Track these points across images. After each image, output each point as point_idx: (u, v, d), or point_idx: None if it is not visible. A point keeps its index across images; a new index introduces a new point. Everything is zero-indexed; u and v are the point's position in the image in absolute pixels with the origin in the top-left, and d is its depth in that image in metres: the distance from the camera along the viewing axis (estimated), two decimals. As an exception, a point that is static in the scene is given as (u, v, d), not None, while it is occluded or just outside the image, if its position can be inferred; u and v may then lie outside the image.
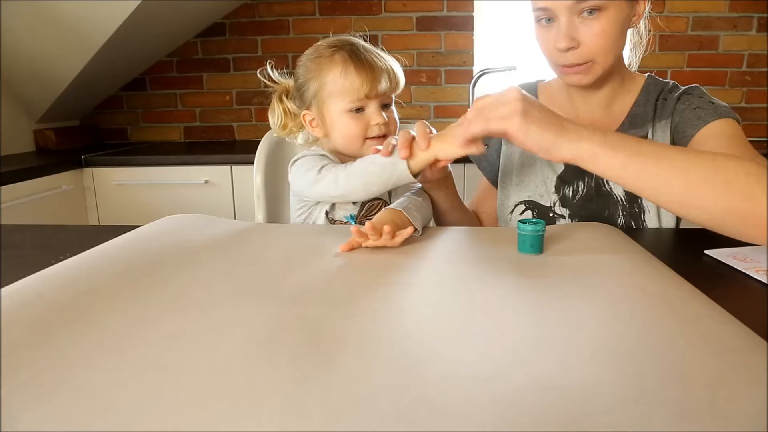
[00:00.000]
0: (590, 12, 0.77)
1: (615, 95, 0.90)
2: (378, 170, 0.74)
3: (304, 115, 0.88)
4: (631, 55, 0.94)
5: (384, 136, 0.84)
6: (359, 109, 0.83)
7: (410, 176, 0.73)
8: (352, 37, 0.86)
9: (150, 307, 0.50)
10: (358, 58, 0.82)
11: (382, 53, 0.85)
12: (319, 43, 0.87)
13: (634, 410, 0.32)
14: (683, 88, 0.88)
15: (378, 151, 0.75)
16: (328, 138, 0.88)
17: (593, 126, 0.64)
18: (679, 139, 0.84)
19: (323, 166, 0.80)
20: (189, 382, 0.36)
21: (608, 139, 0.61)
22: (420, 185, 0.87)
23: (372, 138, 0.84)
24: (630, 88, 0.91)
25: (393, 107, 0.87)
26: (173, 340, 0.43)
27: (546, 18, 0.80)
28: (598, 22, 0.77)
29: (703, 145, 0.80)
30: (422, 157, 0.73)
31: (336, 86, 0.82)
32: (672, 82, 0.91)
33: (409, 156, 0.72)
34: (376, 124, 0.83)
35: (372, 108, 0.83)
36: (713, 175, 0.58)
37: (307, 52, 0.87)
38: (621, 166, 0.60)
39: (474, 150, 0.69)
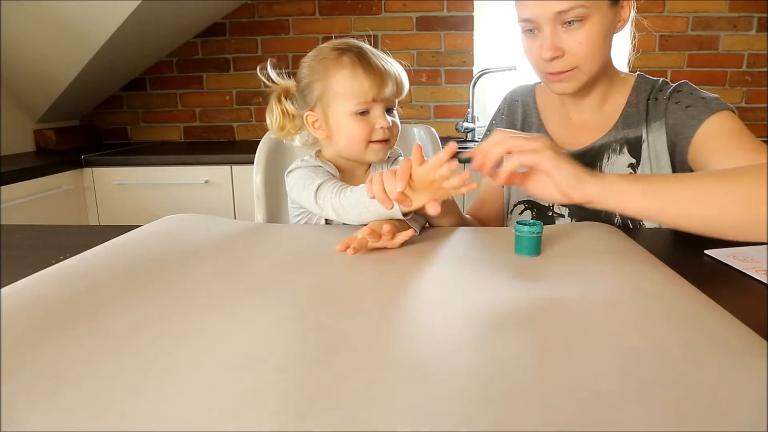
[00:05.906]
0: (572, 22, 0.78)
1: (606, 97, 0.91)
2: (372, 215, 0.73)
3: (306, 116, 0.87)
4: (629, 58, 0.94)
5: (386, 140, 0.85)
6: (364, 112, 0.82)
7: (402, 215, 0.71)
8: (357, 41, 0.85)
9: (150, 306, 0.50)
10: (366, 61, 0.81)
11: (388, 58, 0.85)
12: (323, 45, 0.86)
13: (634, 410, 0.32)
14: (673, 85, 0.89)
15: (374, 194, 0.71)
16: (331, 140, 0.87)
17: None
18: (677, 141, 0.84)
19: (320, 186, 0.79)
20: (189, 383, 0.36)
21: (628, 177, 0.64)
22: None
23: (375, 141, 0.84)
24: (620, 88, 0.91)
25: (395, 112, 0.87)
26: (173, 339, 0.43)
27: (530, 29, 0.82)
28: (582, 30, 0.79)
29: (704, 147, 0.81)
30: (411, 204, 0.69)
31: (343, 88, 0.81)
32: (662, 79, 0.91)
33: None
34: (381, 127, 0.83)
35: (377, 111, 0.83)
36: (732, 192, 0.58)
37: (311, 53, 0.87)
38: (642, 196, 0.61)
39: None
